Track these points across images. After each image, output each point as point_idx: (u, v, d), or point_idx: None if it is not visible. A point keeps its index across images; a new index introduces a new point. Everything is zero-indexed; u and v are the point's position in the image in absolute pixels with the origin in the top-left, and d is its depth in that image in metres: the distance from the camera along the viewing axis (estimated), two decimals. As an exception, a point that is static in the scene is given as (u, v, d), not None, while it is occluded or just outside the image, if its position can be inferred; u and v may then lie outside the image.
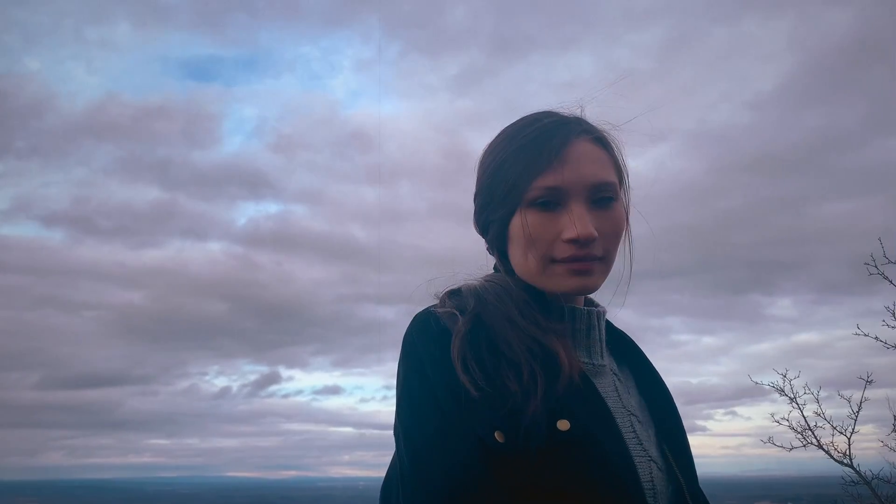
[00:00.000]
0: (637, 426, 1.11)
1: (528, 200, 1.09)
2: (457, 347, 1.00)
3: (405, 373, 1.04)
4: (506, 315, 1.06)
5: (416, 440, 0.99)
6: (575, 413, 1.00)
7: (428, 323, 1.06)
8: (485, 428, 0.96)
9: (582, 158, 1.09)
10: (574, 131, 1.11)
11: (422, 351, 1.04)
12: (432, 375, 1.00)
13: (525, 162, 1.09)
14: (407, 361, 1.05)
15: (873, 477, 4.23)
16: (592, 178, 1.09)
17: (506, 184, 1.11)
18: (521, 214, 1.09)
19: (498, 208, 1.13)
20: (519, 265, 1.13)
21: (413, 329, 1.07)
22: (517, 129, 1.15)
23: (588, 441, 0.98)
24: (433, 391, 0.99)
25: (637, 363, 1.24)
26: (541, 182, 1.08)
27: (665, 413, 1.18)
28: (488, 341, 1.02)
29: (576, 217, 1.06)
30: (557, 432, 0.97)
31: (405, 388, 1.03)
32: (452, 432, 0.96)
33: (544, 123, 1.12)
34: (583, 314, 1.14)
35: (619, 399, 1.13)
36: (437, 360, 1.01)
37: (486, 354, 1.01)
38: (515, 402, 0.96)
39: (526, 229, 1.08)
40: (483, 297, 1.09)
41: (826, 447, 4.38)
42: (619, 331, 1.26)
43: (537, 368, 1.00)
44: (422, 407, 1.00)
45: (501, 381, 0.98)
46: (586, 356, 1.13)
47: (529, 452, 0.95)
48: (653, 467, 1.07)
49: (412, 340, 1.06)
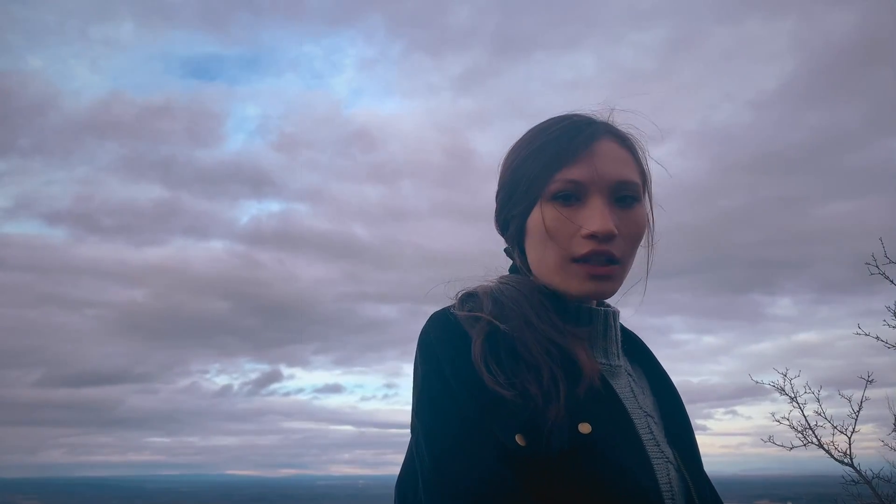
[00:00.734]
0: (654, 427, 1.11)
1: (550, 194, 1.07)
2: (478, 349, 0.99)
3: (424, 373, 1.03)
4: (523, 317, 1.05)
5: (438, 441, 0.97)
6: (595, 416, 0.99)
7: (446, 324, 1.05)
8: (506, 431, 0.95)
9: (606, 156, 1.08)
10: (600, 130, 1.11)
11: (440, 352, 1.02)
12: (452, 377, 0.99)
13: (548, 156, 1.09)
14: (426, 361, 1.03)
15: (874, 476, 4.24)
16: (616, 175, 1.08)
17: (528, 178, 1.10)
18: (540, 208, 1.08)
19: (519, 202, 1.12)
20: (536, 261, 1.11)
21: (431, 329, 1.06)
22: (542, 127, 1.14)
23: (608, 444, 0.98)
24: (454, 393, 0.98)
25: (647, 362, 1.23)
26: (563, 175, 1.07)
27: (673, 412, 1.17)
28: (506, 344, 1.01)
29: (596, 212, 1.05)
30: (579, 435, 0.96)
31: (425, 389, 1.02)
32: (475, 435, 0.95)
33: (570, 121, 1.12)
34: (599, 315, 1.13)
35: (636, 400, 1.12)
36: (457, 361, 0.99)
37: (505, 357, 0.99)
38: (536, 406, 0.95)
39: (545, 224, 1.07)
40: (499, 299, 1.08)
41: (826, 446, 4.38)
42: (629, 330, 1.25)
43: (558, 371, 0.99)
44: (444, 408, 0.99)
45: (521, 384, 0.97)
46: (603, 357, 1.13)
47: (551, 456, 0.94)
48: (670, 468, 1.06)
49: (430, 341, 1.04)
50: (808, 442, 4.45)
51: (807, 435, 4.44)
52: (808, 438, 4.44)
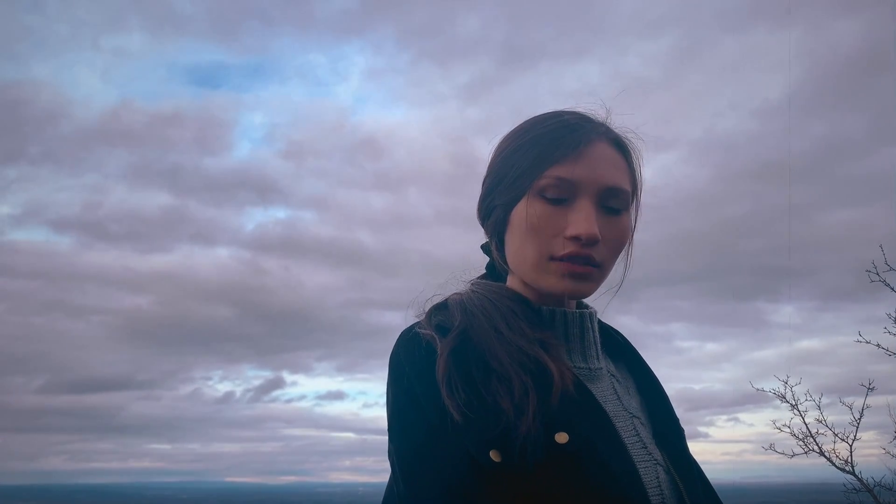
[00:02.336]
0: (640, 428, 1.07)
1: (538, 189, 1.04)
2: (441, 369, 0.96)
3: (394, 394, 1.00)
4: (493, 328, 1.02)
5: (408, 461, 0.95)
6: (573, 424, 0.95)
7: (413, 343, 1.02)
8: (479, 448, 0.91)
9: (600, 159, 1.06)
10: (597, 131, 1.08)
11: (409, 372, 0.99)
12: (421, 396, 0.96)
13: (541, 149, 1.06)
14: (396, 383, 1.01)
15: (875, 484, 4.23)
16: (607, 180, 1.05)
17: (517, 168, 1.07)
18: (526, 202, 1.05)
19: (505, 192, 1.09)
20: (514, 255, 1.09)
21: (399, 350, 1.03)
22: (539, 119, 1.11)
23: (588, 451, 0.94)
24: (423, 412, 0.95)
25: (632, 361, 1.20)
26: (553, 171, 1.04)
27: (660, 411, 1.14)
28: (477, 357, 0.98)
29: (583, 215, 1.02)
30: (556, 446, 0.93)
31: (395, 411, 1.00)
32: (443, 451, 0.93)
33: (568, 118, 1.09)
34: (575, 317, 1.10)
35: (620, 401, 1.09)
36: (426, 380, 0.96)
37: (476, 371, 0.96)
38: (509, 420, 0.92)
39: (530, 218, 1.04)
40: (469, 309, 1.05)
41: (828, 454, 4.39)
42: (611, 328, 1.22)
43: (529, 382, 0.95)
44: (412, 428, 0.96)
45: (494, 398, 0.93)
46: (582, 360, 1.09)
47: (527, 469, 0.91)
48: (659, 470, 1.03)
49: (399, 361, 1.02)
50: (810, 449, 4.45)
51: (808, 442, 4.45)
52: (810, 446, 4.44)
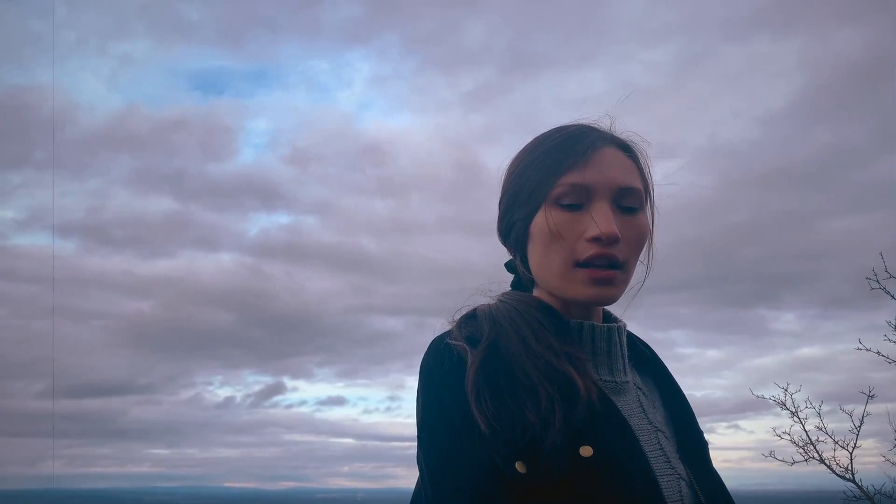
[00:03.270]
0: (664, 442, 1.08)
1: (553, 198, 1.07)
2: (471, 381, 0.98)
3: (424, 403, 1.03)
4: (521, 340, 1.03)
5: (435, 467, 0.97)
6: (598, 437, 0.97)
7: (444, 353, 1.04)
8: (505, 459, 0.93)
9: (609, 162, 1.08)
10: (603, 138, 1.11)
11: (439, 382, 1.01)
12: (450, 406, 0.98)
13: (551, 161, 1.09)
14: (425, 392, 1.03)
15: (875, 492, 4.23)
16: (619, 180, 1.07)
17: (532, 182, 1.10)
18: (544, 212, 1.07)
19: (522, 207, 1.11)
20: (538, 266, 1.10)
21: (429, 359, 1.05)
22: (545, 135, 1.14)
23: (612, 465, 0.96)
24: (452, 421, 0.97)
25: (659, 374, 1.21)
26: (566, 179, 1.06)
27: (685, 425, 1.15)
28: (505, 369, 1.00)
29: (600, 216, 1.04)
30: (580, 459, 0.94)
31: (424, 418, 1.02)
32: (470, 459, 0.94)
33: (573, 129, 1.12)
34: (602, 331, 1.11)
35: (645, 415, 1.10)
36: (455, 390, 0.98)
37: (504, 383, 0.98)
38: (535, 432, 0.94)
39: (549, 226, 1.06)
40: (498, 321, 1.07)
41: (828, 461, 4.37)
42: (640, 341, 1.23)
43: (555, 395, 0.97)
44: (441, 436, 0.98)
45: (521, 410, 0.95)
46: (608, 374, 1.10)
47: (552, 481, 0.93)
48: (682, 485, 1.03)
49: (429, 370, 1.04)
50: (810, 457, 4.43)
51: (808, 450, 4.43)
52: (810, 453, 4.43)
